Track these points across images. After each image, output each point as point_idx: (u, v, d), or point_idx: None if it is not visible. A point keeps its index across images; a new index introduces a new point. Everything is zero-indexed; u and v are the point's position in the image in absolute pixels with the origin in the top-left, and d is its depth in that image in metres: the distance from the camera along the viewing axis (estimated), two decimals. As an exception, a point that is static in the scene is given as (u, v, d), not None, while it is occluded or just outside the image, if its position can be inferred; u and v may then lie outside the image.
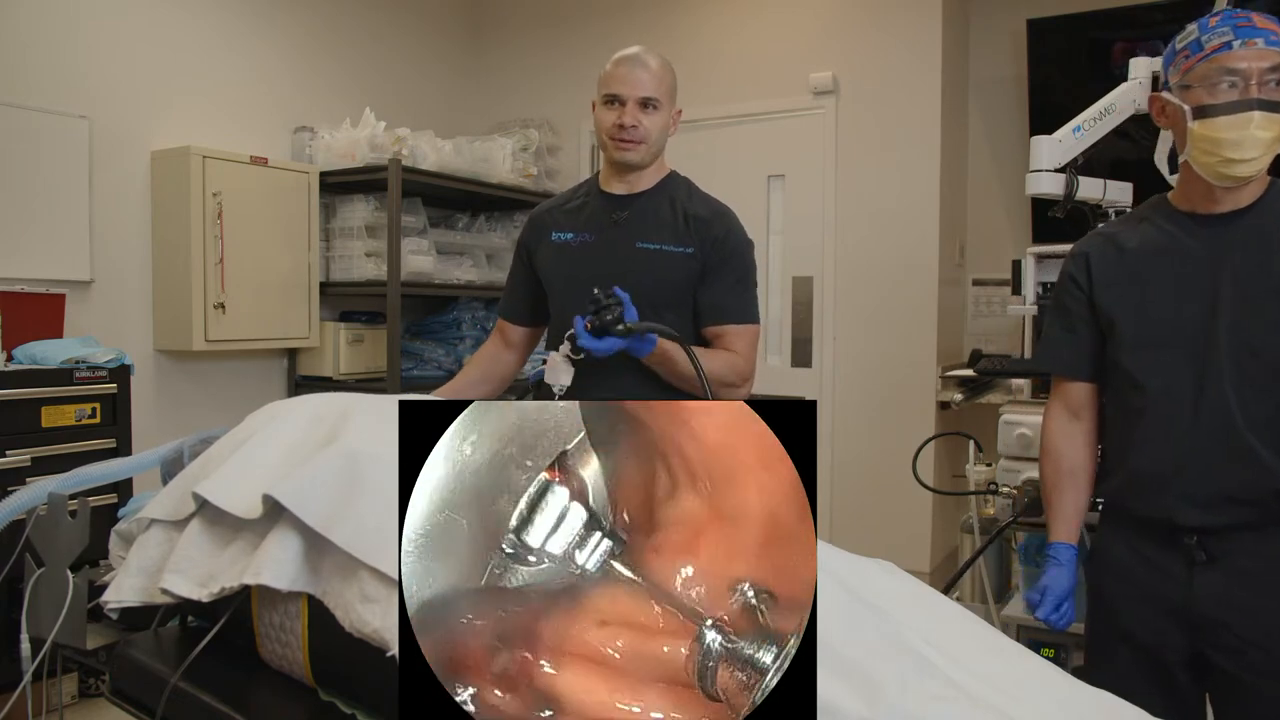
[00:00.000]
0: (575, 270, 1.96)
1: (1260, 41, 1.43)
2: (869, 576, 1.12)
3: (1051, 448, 1.71)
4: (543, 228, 2.05)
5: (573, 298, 1.95)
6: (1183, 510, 1.50)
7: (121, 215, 3.39)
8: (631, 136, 1.89)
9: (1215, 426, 1.48)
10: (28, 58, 3.12)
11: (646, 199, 1.97)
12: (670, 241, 1.92)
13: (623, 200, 1.98)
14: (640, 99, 1.88)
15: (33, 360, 2.80)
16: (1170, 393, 1.53)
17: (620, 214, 1.96)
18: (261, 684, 1.20)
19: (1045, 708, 0.96)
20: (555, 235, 2.01)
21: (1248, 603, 1.47)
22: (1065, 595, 1.64)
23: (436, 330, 4.36)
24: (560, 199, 2.12)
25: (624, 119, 1.88)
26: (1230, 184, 1.48)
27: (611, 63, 1.92)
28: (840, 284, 4.06)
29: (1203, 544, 1.50)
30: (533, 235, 2.08)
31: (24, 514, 1.46)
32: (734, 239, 1.97)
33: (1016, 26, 3.90)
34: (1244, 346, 1.47)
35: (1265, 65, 1.42)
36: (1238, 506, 1.47)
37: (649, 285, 1.90)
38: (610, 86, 1.90)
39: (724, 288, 1.94)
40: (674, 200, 1.97)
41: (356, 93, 4.20)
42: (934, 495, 3.55)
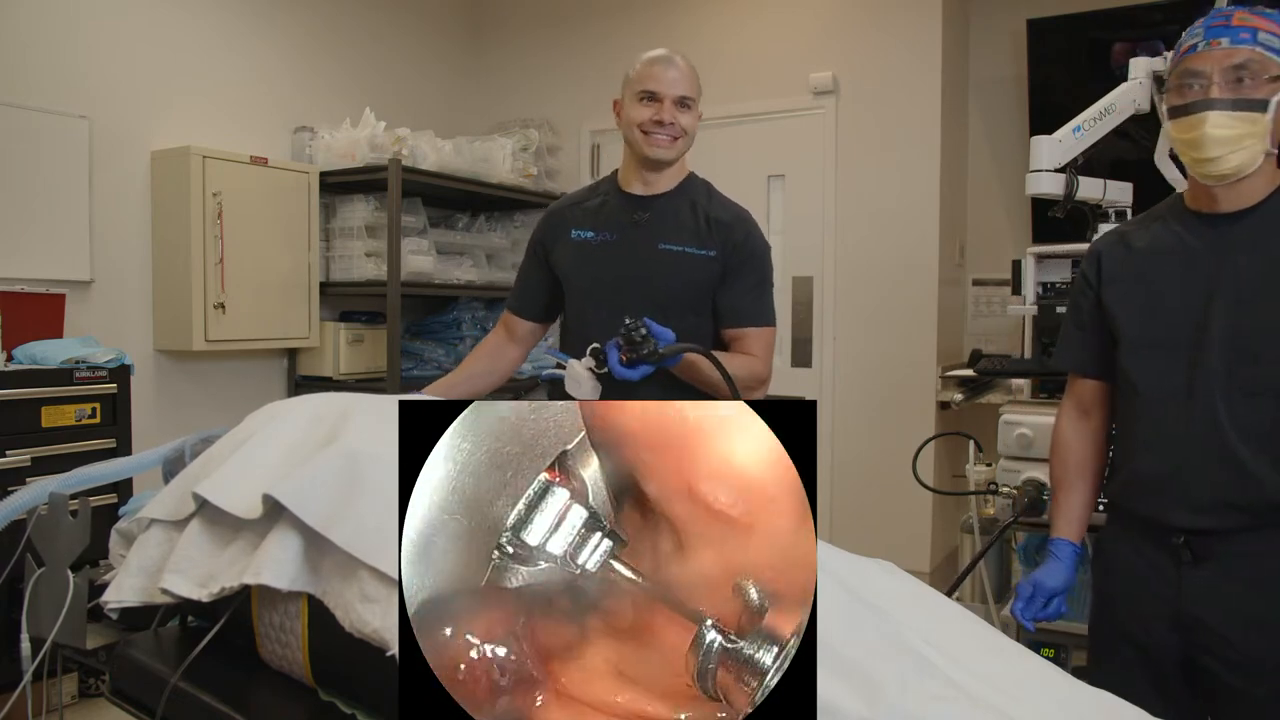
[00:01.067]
0: (598, 270, 1.97)
1: (1225, 41, 1.44)
2: (869, 576, 1.11)
3: (1060, 445, 1.73)
4: (562, 225, 2.04)
5: (594, 298, 1.97)
6: (1175, 512, 1.50)
7: (121, 215, 3.39)
8: (670, 132, 1.92)
9: (1203, 433, 1.47)
10: (28, 58, 3.12)
11: (667, 200, 1.99)
12: (692, 244, 1.94)
13: (643, 201, 1.99)
14: (677, 97, 1.92)
15: (33, 360, 2.80)
16: (1162, 396, 1.52)
17: (641, 214, 1.97)
18: (261, 684, 1.20)
19: (1045, 708, 0.96)
20: (575, 233, 2.01)
21: (1236, 605, 1.46)
22: (1055, 591, 1.64)
23: (436, 330, 4.36)
24: (577, 196, 2.12)
25: (663, 115, 1.90)
26: (1213, 182, 1.49)
27: (643, 62, 1.95)
28: (840, 284, 4.06)
29: (1190, 544, 1.50)
30: (550, 232, 2.07)
31: (24, 514, 1.46)
32: (754, 243, 2.00)
33: (1016, 26, 3.90)
34: (1238, 351, 1.46)
35: (1229, 64, 1.43)
36: (1229, 511, 1.46)
37: (673, 287, 1.93)
38: (646, 84, 1.92)
39: (744, 291, 1.98)
40: (695, 203, 1.99)
41: (356, 93, 4.20)
42: (934, 495, 3.55)
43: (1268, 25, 1.44)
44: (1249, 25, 1.44)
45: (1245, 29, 1.44)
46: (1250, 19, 1.45)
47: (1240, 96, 1.43)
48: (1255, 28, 1.44)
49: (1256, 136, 1.43)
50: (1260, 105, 1.42)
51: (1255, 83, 1.43)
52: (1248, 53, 1.43)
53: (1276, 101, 1.43)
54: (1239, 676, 1.46)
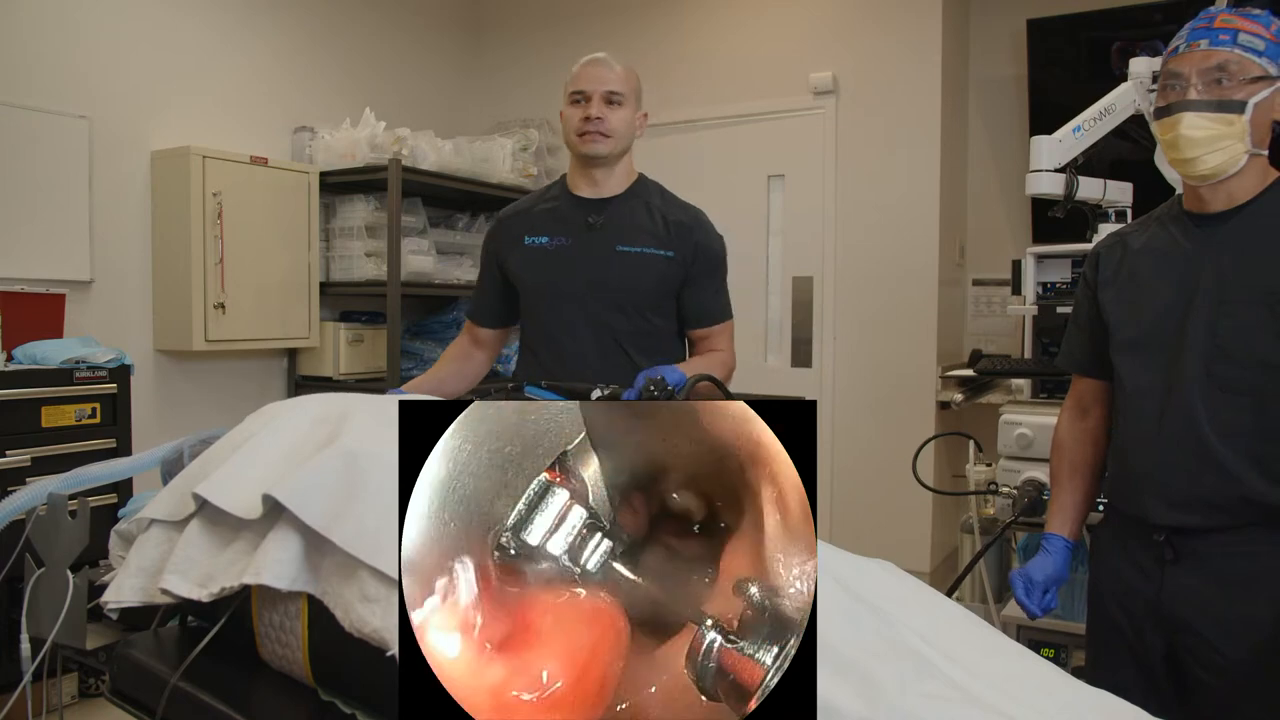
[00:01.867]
0: (555, 274, 1.99)
1: (1205, 43, 1.46)
2: (869, 576, 1.11)
3: (1058, 442, 1.75)
4: (512, 231, 2.06)
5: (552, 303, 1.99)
6: (1156, 510, 1.51)
7: (121, 215, 3.38)
8: (597, 128, 1.94)
9: (1181, 432, 1.48)
10: (28, 58, 3.11)
11: (620, 202, 2.01)
12: (651, 244, 1.97)
13: (596, 204, 2.01)
14: (605, 93, 1.94)
15: (33, 360, 2.80)
16: (1144, 395, 1.54)
17: (596, 217, 1.99)
18: (261, 684, 1.20)
19: (1045, 708, 0.96)
20: (529, 239, 2.02)
21: (1214, 603, 1.47)
22: (1046, 583, 1.65)
23: (436, 330, 4.36)
24: (527, 202, 2.13)
25: (590, 111, 1.93)
26: (1195, 182, 1.51)
27: (577, 66, 2.00)
28: (840, 284, 4.06)
29: (1171, 542, 1.50)
30: (502, 239, 2.08)
31: (24, 514, 1.46)
32: (714, 242, 2.05)
33: (1016, 26, 3.90)
34: (1217, 351, 1.46)
35: (1207, 65, 1.45)
36: (1208, 510, 1.47)
37: (632, 289, 1.95)
38: (576, 85, 1.98)
39: (711, 293, 2.03)
40: (649, 204, 2.02)
41: (356, 93, 4.20)
42: (934, 495, 3.55)
43: (1250, 26, 1.45)
44: (1230, 26, 1.45)
45: (1226, 30, 1.45)
46: (1233, 20, 1.46)
47: (1217, 97, 1.44)
48: (1236, 29, 1.45)
49: (1234, 137, 1.44)
50: (1237, 106, 1.44)
51: (1234, 84, 1.44)
52: (1226, 54, 1.44)
53: (1254, 103, 1.43)
54: (1215, 675, 1.47)
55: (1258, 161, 1.48)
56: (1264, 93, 1.44)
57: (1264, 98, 1.44)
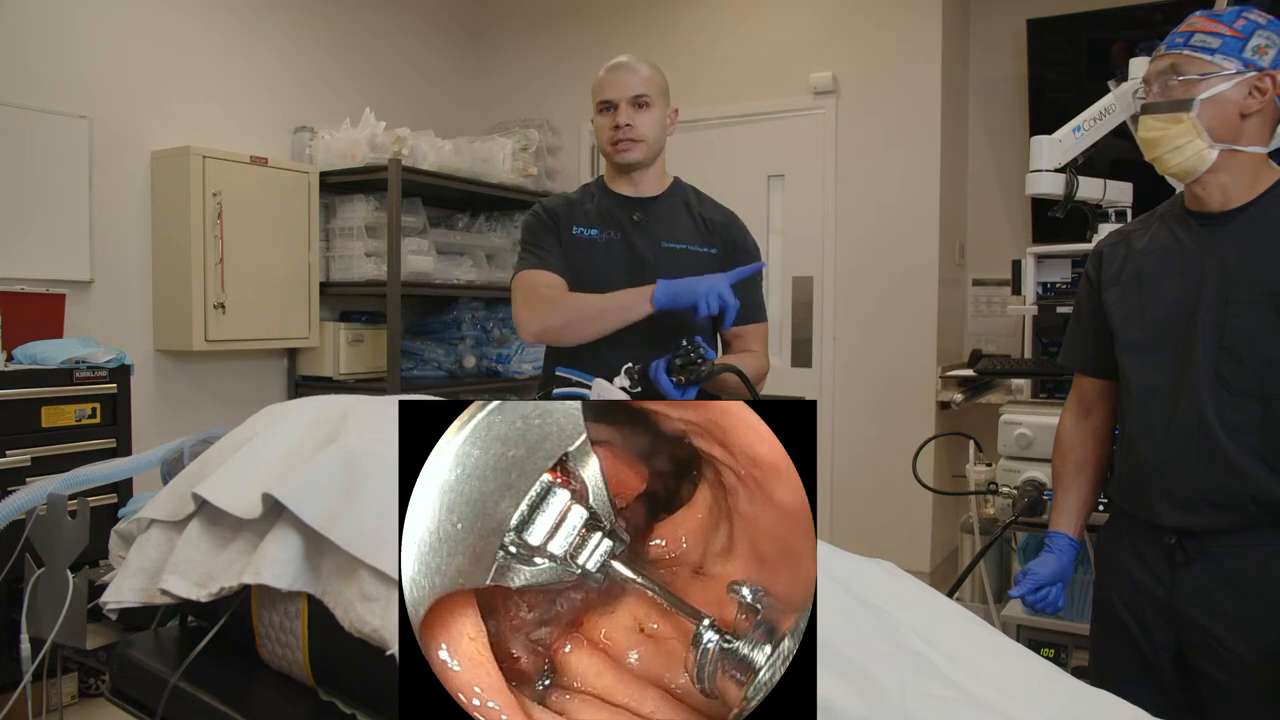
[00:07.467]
0: (608, 267, 1.97)
1: (1164, 47, 1.50)
2: (869, 576, 1.11)
3: (1060, 441, 1.75)
4: (561, 220, 2.02)
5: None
6: (1165, 512, 1.51)
7: (121, 215, 3.38)
8: (629, 135, 1.93)
9: (1190, 431, 1.48)
10: (28, 58, 3.11)
11: (659, 202, 2.02)
12: (694, 242, 1.99)
13: (639, 202, 2.02)
14: (631, 98, 1.93)
15: (33, 360, 2.80)
16: (1152, 395, 1.54)
17: (640, 215, 2.00)
18: (261, 684, 1.20)
19: (1045, 708, 0.96)
20: (576, 230, 2.00)
21: (1226, 604, 1.47)
22: (1049, 580, 1.65)
23: (436, 330, 4.36)
24: (568, 197, 2.09)
25: (619, 119, 1.93)
26: (1176, 180, 1.55)
27: (601, 71, 1.98)
28: (840, 284, 4.06)
29: (1183, 545, 1.50)
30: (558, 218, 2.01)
31: (24, 514, 1.46)
32: (749, 242, 2.07)
33: (1016, 26, 3.90)
34: (1225, 350, 1.46)
35: (1160, 68, 1.50)
36: (1217, 510, 1.47)
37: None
38: (602, 94, 1.96)
39: (746, 291, 1.98)
40: (687, 204, 2.04)
41: (356, 93, 4.20)
42: (934, 495, 3.55)
43: (1208, 26, 1.46)
44: (1190, 29, 1.48)
45: (1183, 34, 1.49)
46: (1196, 23, 1.48)
47: (1166, 98, 1.48)
48: (1194, 31, 1.47)
49: (1187, 135, 1.46)
50: (1183, 105, 1.45)
51: (1183, 83, 1.46)
52: (1176, 56, 1.48)
53: (1200, 99, 1.45)
54: (1229, 673, 1.47)
55: (1251, 159, 1.47)
56: (1217, 88, 1.44)
57: (1217, 93, 1.44)
